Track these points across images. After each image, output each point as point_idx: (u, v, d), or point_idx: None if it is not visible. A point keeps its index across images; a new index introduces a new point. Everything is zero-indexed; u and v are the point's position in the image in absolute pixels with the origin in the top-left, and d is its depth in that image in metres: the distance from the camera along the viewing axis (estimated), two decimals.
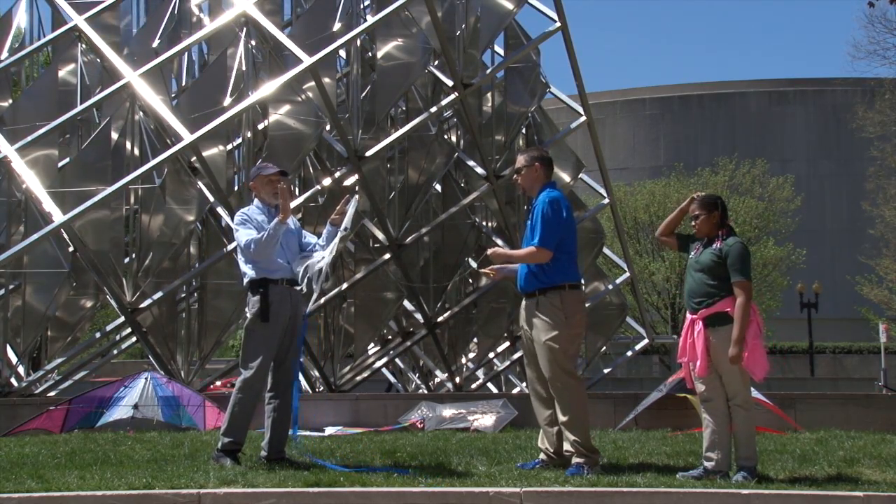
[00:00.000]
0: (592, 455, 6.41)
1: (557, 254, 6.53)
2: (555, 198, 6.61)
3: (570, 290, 6.53)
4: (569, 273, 6.57)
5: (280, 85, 11.66)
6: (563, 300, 6.48)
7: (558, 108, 17.52)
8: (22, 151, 11.40)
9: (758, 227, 34.84)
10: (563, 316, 6.46)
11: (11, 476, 6.15)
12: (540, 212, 6.55)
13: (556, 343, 6.42)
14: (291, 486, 5.70)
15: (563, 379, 6.45)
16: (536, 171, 6.74)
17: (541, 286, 6.53)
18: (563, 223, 6.58)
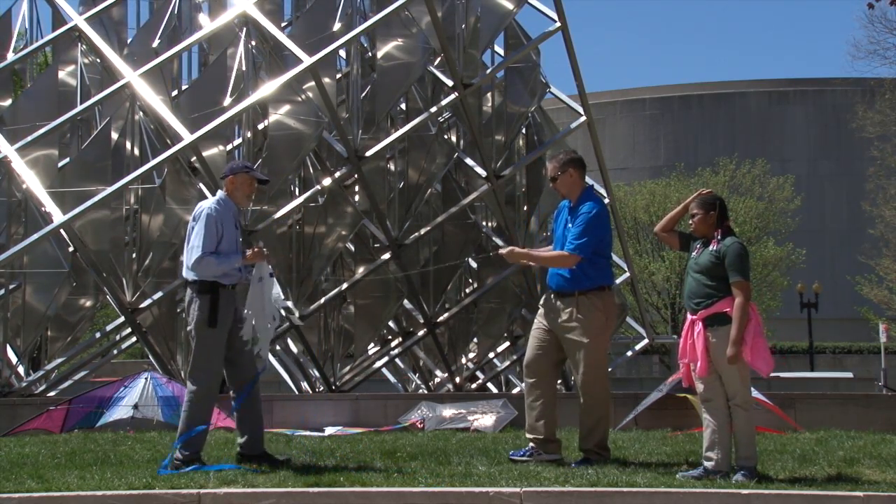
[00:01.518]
0: (604, 454, 6.67)
1: (596, 257, 6.66)
2: (600, 210, 6.71)
3: (608, 291, 6.71)
4: (607, 276, 6.76)
5: (280, 85, 11.65)
6: (603, 302, 6.62)
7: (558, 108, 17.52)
8: (22, 151, 11.40)
9: (758, 227, 34.84)
10: (604, 318, 6.61)
11: (11, 476, 6.15)
12: (586, 221, 6.60)
13: (597, 345, 6.57)
14: (291, 486, 5.71)
15: (596, 379, 6.60)
16: (571, 176, 6.78)
17: (582, 287, 6.60)
18: (603, 232, 6.72)
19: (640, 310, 17.47)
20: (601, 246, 6.73)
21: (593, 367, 6.55)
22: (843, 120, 39.73)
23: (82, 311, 12.95)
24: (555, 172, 6.82)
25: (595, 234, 6.61)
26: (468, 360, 15.28)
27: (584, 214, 6.63)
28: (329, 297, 13.01)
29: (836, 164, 46.10)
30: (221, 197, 6.67)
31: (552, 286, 6.78)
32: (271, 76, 12.27)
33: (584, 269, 6.59)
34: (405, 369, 16.13)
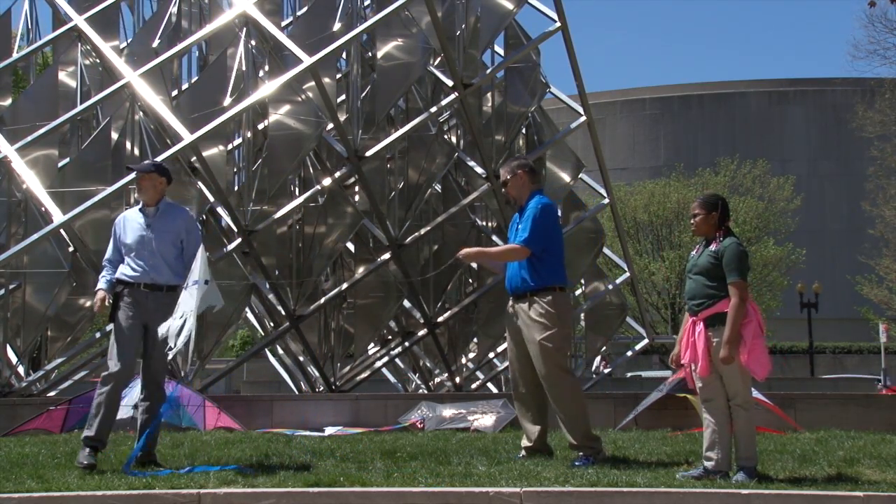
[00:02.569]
0: (595, 445, 6.70)
1: (547, 257, 6.82)
2: (547, 204, 6.94)
3: (560, 292, 6.82)
4: (559, 276, 6.86)
5: (280, 85, 11.65)
6: (555, 300, 6.74)
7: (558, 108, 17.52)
8: (22, 151, 11.40)
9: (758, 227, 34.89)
10: (556, 316, 6.70)
11: (11, 476, 6.15)
12: (532, 215, 6.84)
13: (551, 342, 6.68)
14: (291, 486, 5.70)
15: (559, 376, 6.70)
16: (521, 178, 7.02)
17: (533, 288, 6.77)
18: (552, 228, 6.90)
19: (640, 310, 17.48)
20: (551, 244, 6.87)
21: (552, 364, 6.68)
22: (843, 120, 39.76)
23: (82, 311, 12.93)
24: (506, 176, 7.09)
25: (542, 227, 6.79)
26: (468, 360, 15.29)
27: (531, 209, 6.86)
28: (329, 297, 13.01)
29: (836, 164, 46.13)
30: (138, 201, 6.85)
31: (508, 290, 6.97)
32: (271, 76, 12.26)
33: (537, 270, 6.78)
34: (405, 369, 16.13)
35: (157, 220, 6.71)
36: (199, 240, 6.78)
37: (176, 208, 6.90)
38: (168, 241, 6.66)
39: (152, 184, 6.74)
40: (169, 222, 6.71)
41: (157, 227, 6.68)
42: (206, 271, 6.39)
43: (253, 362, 20.79)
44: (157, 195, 6.76)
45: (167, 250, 6.66)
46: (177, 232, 6.70)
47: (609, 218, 18.97)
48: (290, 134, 12.08)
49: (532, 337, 6.71)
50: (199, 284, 6.34)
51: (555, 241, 6.90)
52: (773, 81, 50.04)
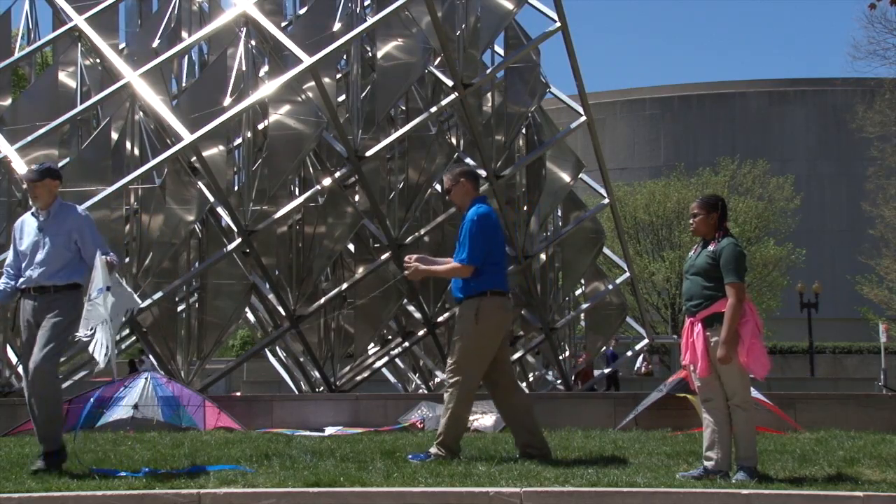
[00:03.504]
0: (448, 454, 6.74)
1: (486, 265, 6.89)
2: (482, 214, 6.96)
3: (490, 296, 6.89)
4: (488, 282, 6.91)
5: (280, 85, 11.66)
6: (479, 306, 6.83)
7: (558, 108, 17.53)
8: (22, 151, 11.39)
9: (758, 227, 34.85)
10: (474, 322, 6.83)
11: (11, 476, 6.15)
12: (468, 229, 6.91)
13: (466, 345, 6.84)
14: (291, 486, 5.70)
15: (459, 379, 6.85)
16: (464, 186, 7.08)
17: (465, 294, 6.93)
18: (490, 238, 6.93)
19: (640, 310, 17.48)
20: (491, 253, 6.93)
21: (457, 367, 6.86)
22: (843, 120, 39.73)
23: None
24: (449, 185, 7.16)
25: (481, 240, 6.87)
26: None
27: (468, 222, 6.96)
28: (329, 297, 13.00)
29: (836, 165, 46.10)
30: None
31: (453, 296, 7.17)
32: (271, 76, 12.26)
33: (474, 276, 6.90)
34: (405, 369, 16.13)
35: (49, 222, 6.57)
36: (95, 240, 6.57)
37: (68, 209, 6.73)
38: (60, 243, 6.50)
39: (46, 189, 6.62)
40: (60, 223, 6.57)
41: (49, 230, 6.53)
42: (107, 277, 6.25)
43: (253, 362, 20.78)
44: (50, 198, 6.63)
45: (59, 253, 6.49)
46: (68, 233, 6.53)
47: (609, 218, 18.97)
48: (290, 134, 12.08)
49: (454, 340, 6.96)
50: (102, 292, 6.22)
51: (494, 248, 6.98)
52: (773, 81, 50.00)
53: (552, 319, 15.03)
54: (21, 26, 14.16)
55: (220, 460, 6.73)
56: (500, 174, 13.65)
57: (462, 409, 6.93)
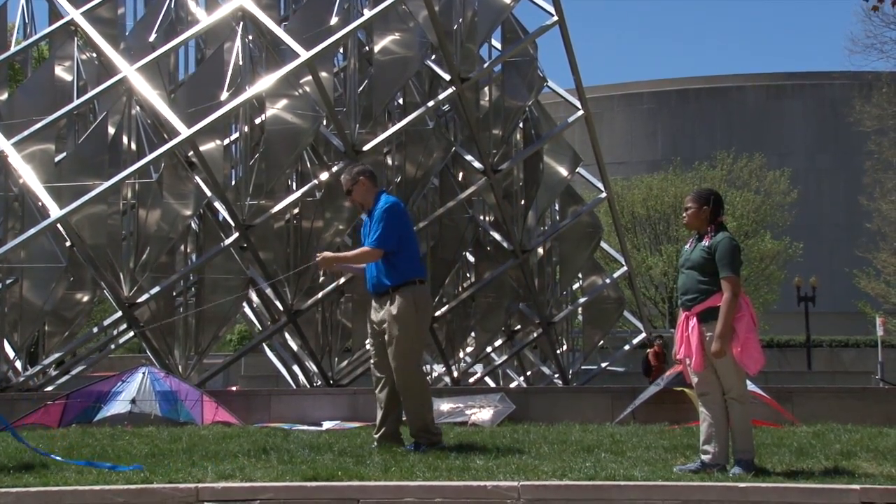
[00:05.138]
0: (432, 436, 7.01)
1: (401, 253, 7.05)
2: (393, 203, 7.16)
3: (419, 284, 7.07)
4: (416, 270, 7.11)
5: (277, 79, 11.64)
6: (414, 294, 7.00)
7: (556, 103, 17.54)
8: (19, 146, 11.38)
9: (755, 221, 34.85)
10: (415, 310, 6.98)
11: (9, 470, 6.15)
12: (381, 216, 7.07)
13: (407, 336, 6.96)
14: (290, 480, 5.70)
15: (408, 371, 7.00)
16: (364, 184, 7.21)
17: (392, 285, 7.01)
18: (401, 225, 7.12)
19: (637, 304, 17.50)
20: (404, 240, 7.10)
21: (403, 356, 6.97)
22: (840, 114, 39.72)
23: (79, 306, 12.94)
24: (349, 185, 7.25)
25: (392, 225, 7.03)
26: (466, 355, 15.30)
27: (378, 210, 7.09)
28: (327, 292, 13.00)
29: (833, 158, 46.11)
30: None
31: (370, 290, 7.23)
32: (268, 70, 12.25)
33: (394, 267, 7.04)
34: None
35: None
36: None
37: None
38: None
39: None
40: None
41: None
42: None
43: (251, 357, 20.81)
44: None
45: None
46: None
47: (606, 212, 18.98)
48: (287, 128, 12.07)
49: (390, 332, 6.98)
50: None
51: (407, 237, 7.14)
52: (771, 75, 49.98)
53: (550, 313, 15.05)
54: (17, 20, 14.14)
55: (219, 455, 6.73)
56: (498, 168, 13.65)
57: (426, 392, 7.20)
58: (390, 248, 7.03)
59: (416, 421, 7.07)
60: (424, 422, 7.08)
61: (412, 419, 7.09)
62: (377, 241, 7.05)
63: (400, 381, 7.06)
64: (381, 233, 7.03)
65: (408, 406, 7.10)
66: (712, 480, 5.74)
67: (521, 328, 15.70)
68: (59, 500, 5.49)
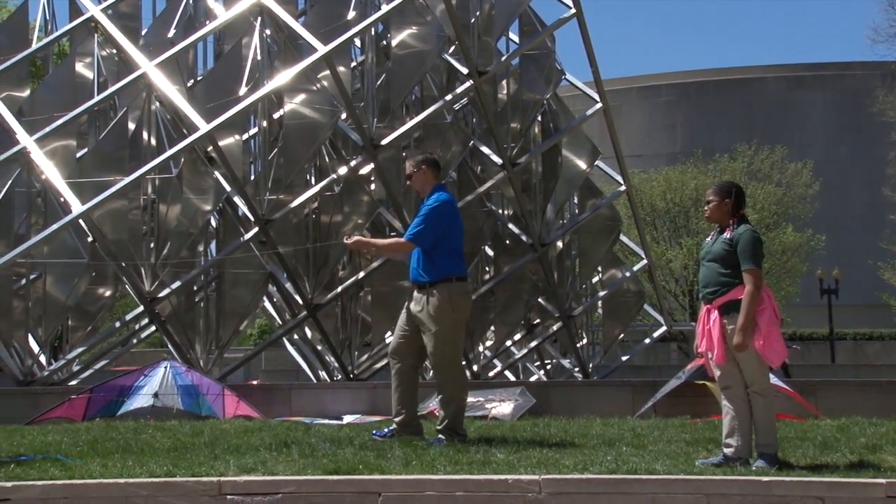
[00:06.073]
0: (458, 436, 7.01)
1: (441, 250, 7.11)
2: (444, 200, 7.23)
3: (456, 282, 7.13)
4: (454, 267, 7.16)
5: (295, 74, 11.65)
6: (450, 292, 7.04)
7: (574, 95, 17.45)
8: (41, 142, 11.46)
9: (776, 213, 34.63)
10: (450, 307, 7.03)
11: (35, 464, 6.21)
12: (426, 211, 7.16)
13: (444, 332, 7.01)
14: (311, 473, 5.72)
15: (449, 366, 7.09)
16: (424, 173, 7.32)
17: (431, 279, 7.07)
18: (446, 224, 7.17)
19: (657, 297, 17.42)
20: (446, 238, 7.14)
21: (440, 354, 7.04)
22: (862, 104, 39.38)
23: (102, 301, 13.03)
24: (411, 170, 7.36)
25: (433, 224, 7.09)
26: (485, 348, 15.29)
27: (426, 206, 7.18)
28: (346, 286, 13.02)
29: (855, 149, 45.72)
30: None
31: (411, 280, 7.28)
32: (286, 65, 12.26)
33: (435, 262, 7.07)
34: None
35: None
36: None
37: None
38: None
39: None
40: None
41: None
42: None
43: (271, 351, 20.86)
44: None
45: None
46: None
47: (626, 205, 18.90)
48: (305, 123, 12.09)
49: (428, 327, 7.03)
50: None
51: (451, 235, 7.17)
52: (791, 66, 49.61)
53: (569, 307, 15.01)
54: (38, 17, 14.23)
55: (240, 448, 6.76)
56: (516, 162, 13.61)
57: (463, 392, 7.24)
58: (425, 245, 7.09)
59: (447, 419, 7.06)
60: (454, 421, 7.07)
61: (445, 416, 7.07)
62: (413, 235, 7.12)
63: (439, 377, 7.12)
64: (420, 229, 7.10)
65: (442, 401, 7.11)
66: (735, 474, 5.71)
67: (540, 322, 15.66)
68: (84, 493, 5.53)
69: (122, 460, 6.27)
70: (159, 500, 5.49)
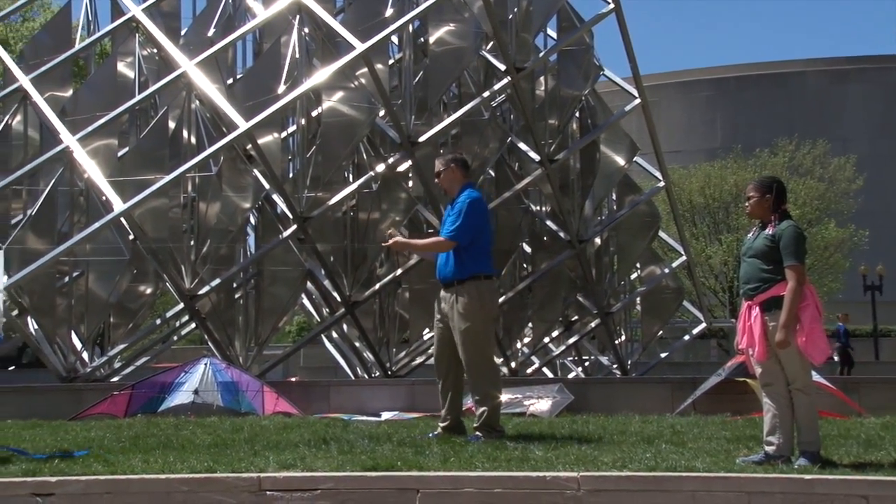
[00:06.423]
0: (495, 433, 7.00)
1: (473, 248, 7.13)
2: (476, 198, 7.25)
3: (485, 280, 7.15)
4: (483, 265, 7.18)
5: (333, 72, 11.70)
6: (479, 290, 7.07)
7: (612, 91, 17.35)
8: (83, 141, 11.62)
9: (819, 209, 34.19)
10: (479, 304, 7.05)
11: (78, 459, 6.29)
12: (461, 209, 7.15)
13: (474, 330, 7.03)
14: (350, 470, 5.74)
15: (480, 362, 7.08)
16: (453, 171, 7.32)
17: (459, 278, 7.10)
18: (480, 222, 7.20)
19: (697, 294, 17.27)
20: (479, 236, 7.17)
21: (471, 351, 7.04)
22: None
23: (143, 298, 13.18)
24: (439, 168, 7.40)
25: (470, 221, 7.10)
26: (523, 345, 15.26)
27: (460, 203, 7.18)
28: (384, 283, 13.06)
29: None
30: None
31: (438, 278, 7.31)
32: (324, 63, 12.32)
33: (463, 260, 7.11)
34: None
35: None
36: None
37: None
38: None
39: None
40: None
41: None
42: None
43: (309, 348, 20.99)
44: None
45: None
46: None
47: (664, 201, 18.75)
48: (343, 120, 12.13)
49: (457, 325, 7.05)
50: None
51: (483, 233, 7.21)
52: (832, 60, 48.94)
53: (607, 304, 14.93)
54: (81, 18, 14.44)
55: (280, 445, 6.81)
56: (554, 158, 13.56)
57: (497, 389, 7.23)
58: (464, 242, 7.11)
59: (482, 416, 7.09)
60: (491, 417, 7.09)
61: (479, 413, 7.10)
62: (453, 233, 7.12)
63: (471, 374, 7.12)
64: (459, 226, 7.11)
65: (475, 399, 7.14)
66: (777, 472, 5.64)
67: (578, 319, 15.60)
68: (127, 488, 5.60)
69: (164, 456, 6.34)
70: (200, 495, 5.54)
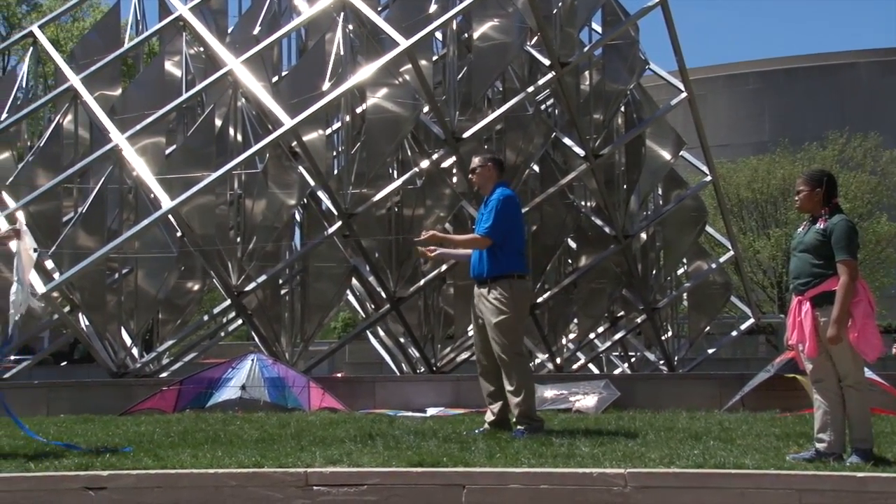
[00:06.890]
0: (534, 422, 7.19)
1: (506, 246, 7.29)
2: (510, 196, 7.42)
3: (517, 279, 7.30)
4: (516, 264, 7.34)
5: (377, 68, 11.73)
6: (511, 287, 7.22)
7: (658, 85, 17.18)
8: (132, 140, 11.78)
9: (870, 203, 33.54)
10: (511, 301, 7.20)
11: (128, 453, 6.39)
12: (495, 206, 7.30)
13: (505, 325, 7.18)
14: (396, 465, 5.76)
15: (511, 357, 7.19)
16: (489, 170, 7.52)
17: (492, 275, 7.25)
18: (514, 219, 7.38)
19: (745, 289, 17.06)
20: (512, 234, 7.32)
21: (503, 346, 7.18)
22: None
23: (190, 295, 13.33)
24: (475, 165, 7.58)
25: (504, 218, 7.26)
26: (569, 341, 15.19)
27: (494, 201, 7.33)
28: (429, 279, 13.07)
29: None
30: None
31: (472, 276, 7.48)
32: (369, 60, 12.36)
33: (497, 258, 7.26)
34: None
35: None
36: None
37: None
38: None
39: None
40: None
41: None
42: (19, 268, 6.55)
43: (355, 344, 21.10)
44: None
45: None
46: None
47: (711, 195, 18.54)
48: (387, 117, 12.16)
49: (489, 320, 7.22)
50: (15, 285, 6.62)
51: (515, 232, 7.38)
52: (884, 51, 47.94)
53: (654, 299, 14.81)
54: (129, 18, 14.66)
55: (326, 440, 6.85)
56: (599, 153, 13.47)
57: (529, 380, 7.34)
58: (499, 239, 7.25)
59: (518, 407, 7.21)
60: (527, 407, 7.21)
61: (514, 405, 7.22)
62: (489, 230, 7.27)
63: (504, 368, 7.24)
64: (494, 223, 7.27)
65: (509, 391, 7.26)
66: (828, 470, 5.56)
67: (624, 314, 15.49)
68: (176, 483, 5.68)
69: (212, 451, 6.41)
70: (248, 489, 5.60)
